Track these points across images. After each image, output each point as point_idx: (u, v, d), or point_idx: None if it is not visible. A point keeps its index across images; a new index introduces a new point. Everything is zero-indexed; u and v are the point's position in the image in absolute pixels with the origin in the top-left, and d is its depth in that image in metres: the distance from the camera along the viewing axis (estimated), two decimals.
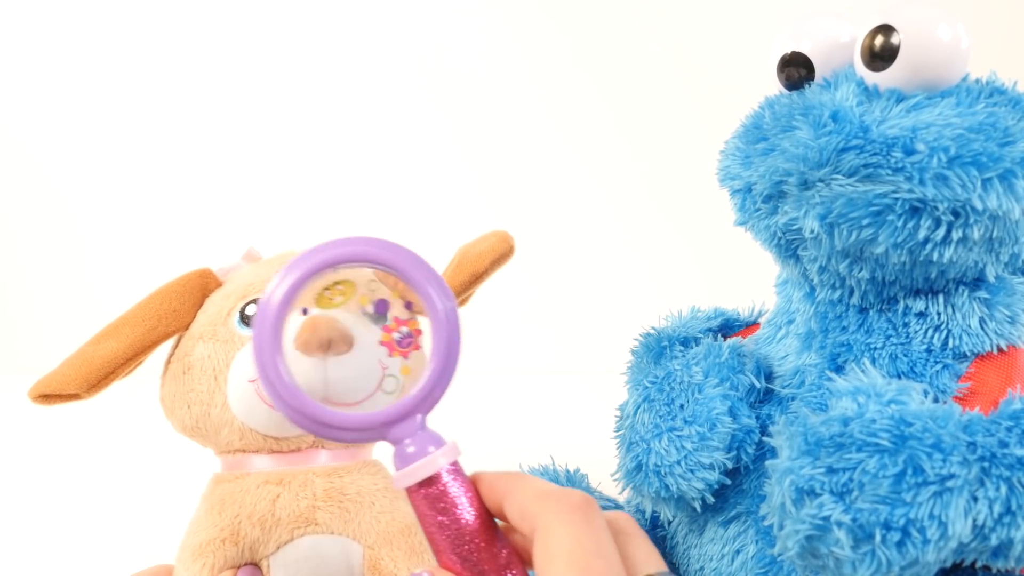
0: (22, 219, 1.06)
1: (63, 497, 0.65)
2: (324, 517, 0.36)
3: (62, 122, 1.03)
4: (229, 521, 0.36)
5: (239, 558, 0.35)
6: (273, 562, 0.36)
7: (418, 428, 0.27)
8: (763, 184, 0.32)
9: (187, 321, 0.39)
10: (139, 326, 0.38)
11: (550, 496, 0.24)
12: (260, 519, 0.36)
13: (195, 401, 0.38)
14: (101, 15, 1.00)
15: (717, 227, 0.57)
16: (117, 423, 0.76)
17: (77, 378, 0.36)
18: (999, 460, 0.26)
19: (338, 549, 0.36)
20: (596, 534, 0.23)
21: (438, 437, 0.27)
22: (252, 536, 0.36)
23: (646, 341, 0.40)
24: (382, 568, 0.36)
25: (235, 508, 0.36)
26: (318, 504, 0.36)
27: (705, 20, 0.97)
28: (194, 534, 0.36)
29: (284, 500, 0.36)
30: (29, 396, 0.36)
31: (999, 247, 0.31)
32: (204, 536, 0.36)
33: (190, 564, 0.35)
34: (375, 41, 1.00)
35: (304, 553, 0.36)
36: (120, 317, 0.39)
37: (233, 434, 0.37)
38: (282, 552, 0.36)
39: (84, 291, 1.04)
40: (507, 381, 0.93)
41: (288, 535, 0.36)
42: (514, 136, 1.01)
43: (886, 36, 0.30)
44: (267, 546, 0.36)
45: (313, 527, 0.36)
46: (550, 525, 0.23)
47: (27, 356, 0.50)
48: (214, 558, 0.35)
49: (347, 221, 1.01)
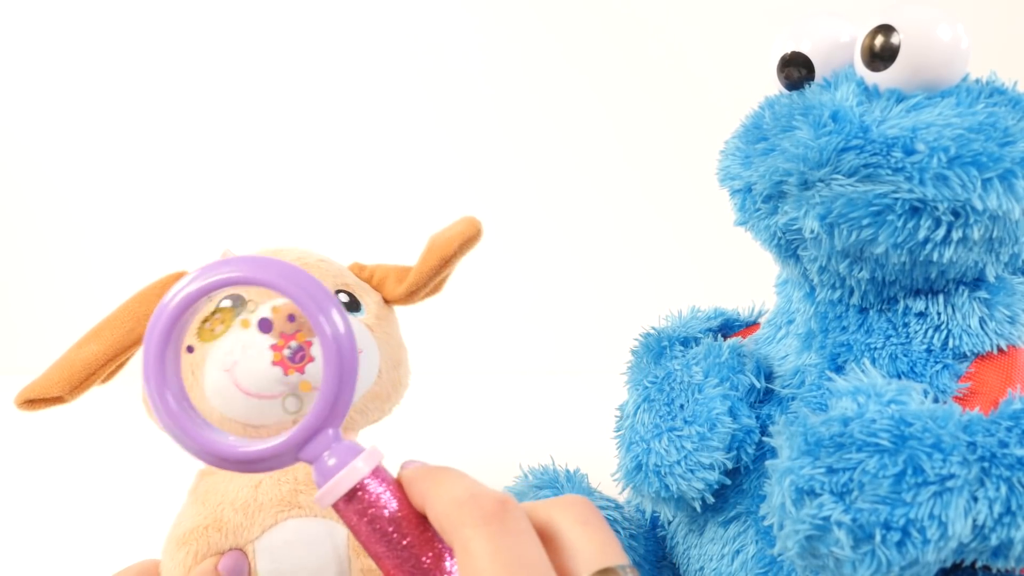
0: (22, 220, 1.06)
1: (58, 496, 0.65)
2: (307, 500, 0.37)
3: (62, 124, 1.03)
4: (212, 509, 0.36)
5: (223, 544, 0.36)
6: (258, 546, 0.36)
7: (332, 442, 0.25)
8: (763, 184, 0.32)
9: None
10: (118, 328, 0.39)
11: (463, 505, 0.22)
12: (243, 505, 0.36)
13: None
14: (100, 15, 1.00)
15: (717, 227, 0.57)
16: (114, 425, 0.76)
17: (60, 381, 0.37)
18: (999, 460, 0.26)
19: (323, 531, 0.37)
20: (515, 544, 0.22)
21: (356, 446, 0.25)
22: (235, 522, 0.36)
23: (646, 341, 0.40)
24: None
25: (218, 497, 0.37)
26: (300, 488, 0.37)
27: (705, 20, 0.97)
28: (178, 525, 0.37)
29: (266, 486, 0.37)
30: (15, 403, 0.37)
31: (999, 247, 0.31)
32: (188, 525, 0.36)
33: (175, 553, 0.35)
34: (371, 42, 1.00)
35: (288, 536, 0.36)
36: (100, 322, 0.40)
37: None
38: (267, 536, 0.36)
39: (84, 292, 1.04)
40: (507, 381, 0.93)
41: (272, 519, 0.36)
42: (513, 136, 1.01)
43: (886, 36, 0.30)
44: (251, 531, 0.36)
45: (297, 510, 0.36)
46: (466, 541, 0.22)
47: (27, 356, 0.50)
48: (197, 545, 0.35)
49: (342, 221, 1.01)
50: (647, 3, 0.97)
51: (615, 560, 0.23)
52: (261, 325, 0.34)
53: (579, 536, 0.23)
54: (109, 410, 0.70)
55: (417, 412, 0.54)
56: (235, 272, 0.25)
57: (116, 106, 1.02)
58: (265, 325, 0.34)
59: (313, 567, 0.36)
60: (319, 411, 0.25)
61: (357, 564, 0.36)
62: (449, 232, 0.44)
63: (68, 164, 1.04)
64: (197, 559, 0.35)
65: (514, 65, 1.00)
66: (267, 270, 0.25)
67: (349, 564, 0.37)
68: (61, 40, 1.01)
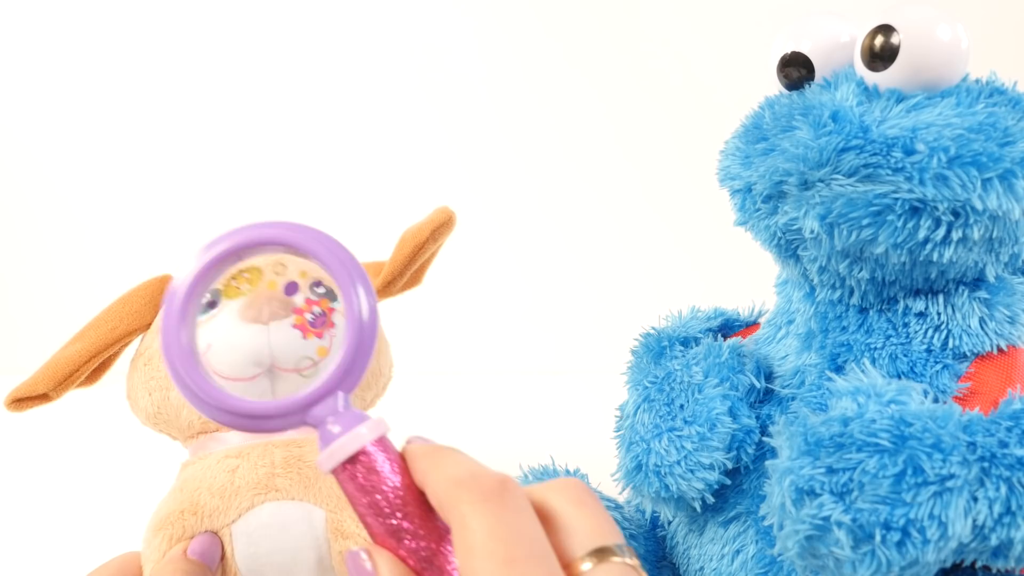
0: (22, 221, 1.06)
1: (54, 494, 0.66)
2: (284, 483, 0.37)
3: (62, 124, 1.03)
4: (189, 495, 0.36)
5: (198, 527, 0.36)
6: (235, 529, 0.36)
7: (341, 407, 0.25)
8: (763, 184, 0.32)
9: (148, 321, 0.41)
10: (102, 327, 0.40)
11: (462, 484, 0.22)
12: (220, 489, 0.36)
13: (155, 388, 0.39)
14: (100, 15, 1.00)
15: (717, 227, 0.57)
16: (100, 425, 0.76)
17: (44, 379, 0.38)
18: (999, 460, 0.26)
19: (300, 514, 0.37)
20: (514, 520, 0.21)
21: (362, 414, 0.25)
22: (211, 505, 0.36)
23: (646, 341, 0.40)
24: (345, 530, 0.36)
25: (195, 483, 0.37)
26: (277, 471, 0.37)
27: (705, 20, 0.97)
28: (157, 512, 0.37)
29: (243, 470, 0.37)
30: (4, 404, 0.38)
31: (999, 247, 0.31)
32: (165, 511, 0.36)
33: (151, 539, 0.35)
34: (369, 42, 1.00)
35: (265, 519, 0.36)
36: (87, 323, 0.41)
37: (192, 413, 0.38)
38: (243, 519, 0.36)
39: (83, 292, 1.04)
40: (507, 381, 0.93)
41: (249, 502, 0.36)
42: (512, 136, 1.01)
43: (886, 36, 0.30)
44: (227, 514, 0.36)
45: (274, 493, 0.37)
46: (464, 518, 0.21)
47: (27, 356, 0.51)
48: (172, 529, 0.35)
49: (340, 220, 1.00)
50: (647, 3, 0.97)
51: (612, 539, 0.22)
52: (288, 288, 0.35)
53: (575, 516, 0.23)
54: (95, 411, 0.70)
55: (418, 412, 0.54)
56: (276, 233, 0.25)
57: (115, 106, 1.02)
58: (292, 288, 0.35)
59: (291, 550, 0.36)
60: (333, 374, 0.25)
61: (336, 546, 0.36)
62: (421, 221, 0.45)
63: (68, 164, 1.04)
64: (172, 543, 0.35)
65: (512, 64, 1.00)
66: (306, 235, 0.25)
67: (328, 546, 0.37)
68: (61, 40, 1.01)
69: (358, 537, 0.36)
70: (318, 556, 0.37)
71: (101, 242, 1.06)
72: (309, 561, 0.37)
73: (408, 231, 0.44)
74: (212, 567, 0.34)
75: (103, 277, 1.03)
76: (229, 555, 0.35)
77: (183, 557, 0.34)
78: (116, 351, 0.41)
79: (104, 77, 1.02)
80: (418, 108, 1.02)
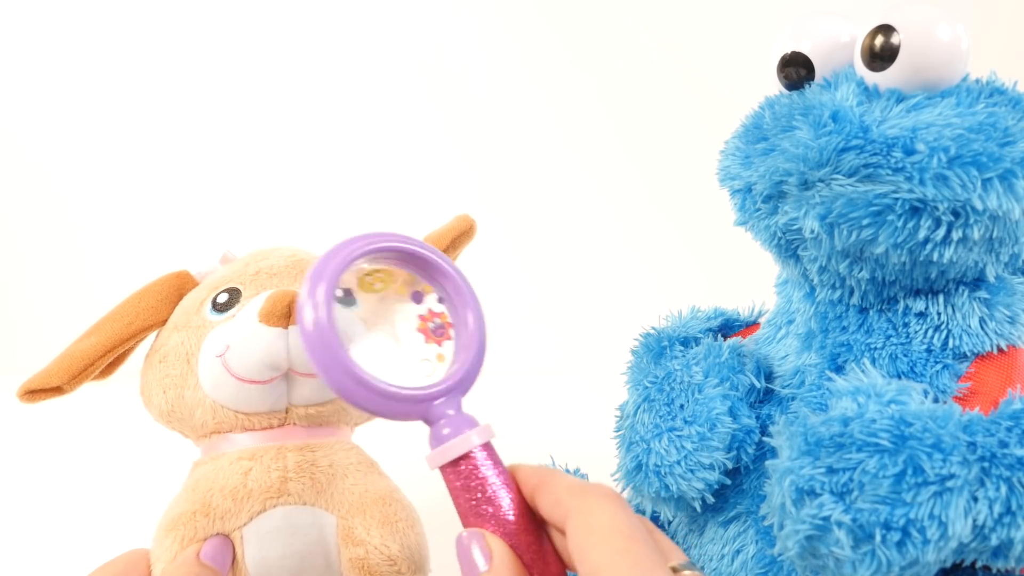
0: (22, 221, 1.06)
1: (55, 493, 0.66)
2: (296, 488, 0.37)
3: (61, 125, 1.03)
4: (201, 495, 0.36)
5: (210, 529, 0.36)
6: (246, 533, 0.36)
7: (455, 408, 0.28)
8: (763, 184, 0.32)
9: (164, 317, 0.41)
10: (118, 322, 0.40)
11: (586, 487, 0.25)
12: (232, 491, 0.36)
13: (170, 386, 0.39)
14: (100, 15, 1.00)
15: (717, 227, 0.57)
16: (112, 420, 0.76)
17: (59, 372, 0.38)
18: (999, 460, 0.26)
19: (311, 519, 0.37)
20: (631, 517, 0.24)
21: (472, 419, 0.28)
22: (223, 507, 0.36)
23: (646, 341, 0.40)
24: (355, 536, 0.36)
25: (208, 484, 0.37)
26: (290, 476, 0.37)
27: (705, 20, 0.97)
28: (168, 512, 0.37)
29: (256, 473, 0.37)
30: (16, 394, 0.38)
31: (999, 247, 0.31)
32: (176, 511, 0.36)
33: (163, 539, 0.35)
34: (371, 42, 1.00)
35: (276, 524, 0.36)
36: (102, 317, 0.41)
37: (206, 413, 0.38)
38: (255, 523, 0.36)
39: (83, 292, 1.04)
40: (507, 381, 0.93)
41: (260, 506, 0.36)
42: (514, 136, 1.01)
43: (886, 36, 0.30)
44: (239, 517, 0.36)
45: (285, 498, 0.36)
46: (589, 506, 0.24)
47: (27, 356, 0.51)
48: (185, 530, 0.35)
49: (342, 221, 1.01)
50: (648, 3, 0.97)
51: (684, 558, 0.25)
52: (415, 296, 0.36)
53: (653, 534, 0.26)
54: (108, 406, 0.70)
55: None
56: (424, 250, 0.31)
57: (115, 107, 1.02)
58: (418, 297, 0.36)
59: (300, 555, 0.36)
60: (457, 374, 0.29)
61: (346, 553, 0.36)
62: (442, 229, 0.45)
63: (68, 165, 1.04)
64: (184, 544, 0.35)
65: (515, 65, 1.00)
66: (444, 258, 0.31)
67: (338, 552, 0.37)
68: (61, 40, 1.01)
69: (368, 544, 0.36)
70: (327, 562, 0.37)
71: (101, 243, 1.06)
72: (318, 567, 0.37)
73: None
74: (224, 572, 0.34)
75: (103, 277, 1.04)
76: (239, 557, 0.35)
77: (196, 560, 0.34)
78: (131, 346, 0.40)
79: (105, 79, 1.02)
80: (419, 108, 1.02)
